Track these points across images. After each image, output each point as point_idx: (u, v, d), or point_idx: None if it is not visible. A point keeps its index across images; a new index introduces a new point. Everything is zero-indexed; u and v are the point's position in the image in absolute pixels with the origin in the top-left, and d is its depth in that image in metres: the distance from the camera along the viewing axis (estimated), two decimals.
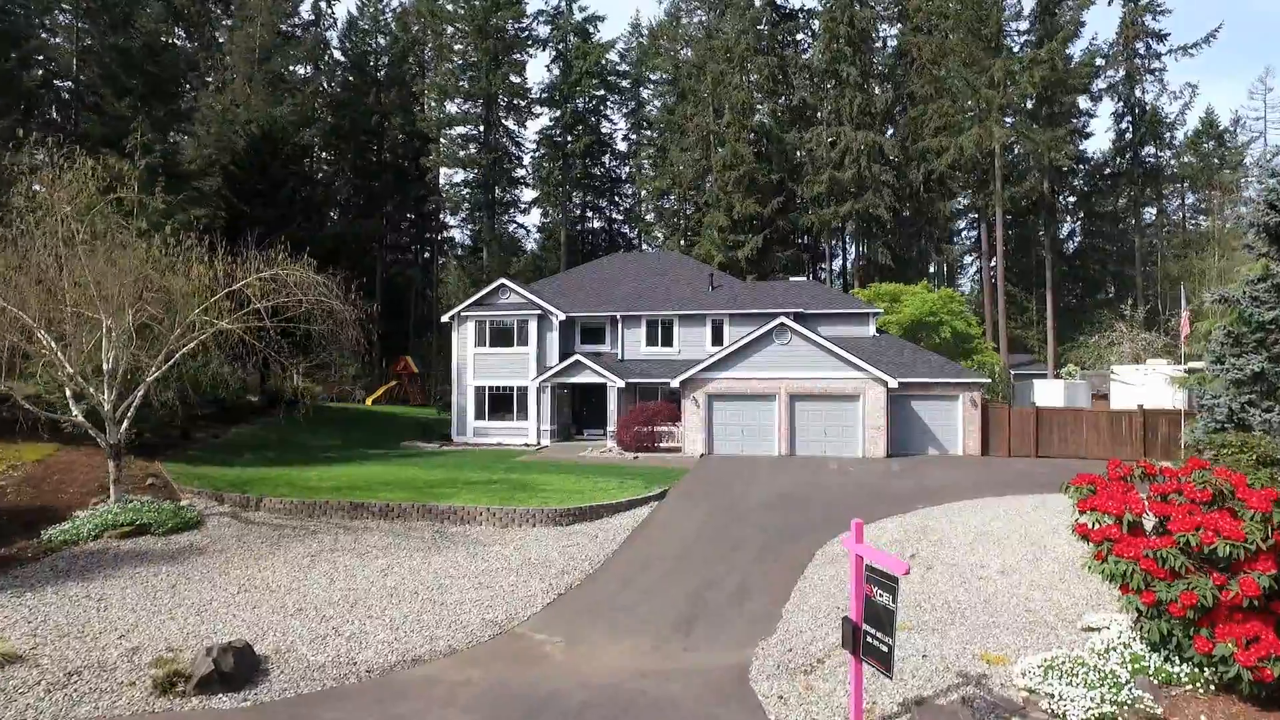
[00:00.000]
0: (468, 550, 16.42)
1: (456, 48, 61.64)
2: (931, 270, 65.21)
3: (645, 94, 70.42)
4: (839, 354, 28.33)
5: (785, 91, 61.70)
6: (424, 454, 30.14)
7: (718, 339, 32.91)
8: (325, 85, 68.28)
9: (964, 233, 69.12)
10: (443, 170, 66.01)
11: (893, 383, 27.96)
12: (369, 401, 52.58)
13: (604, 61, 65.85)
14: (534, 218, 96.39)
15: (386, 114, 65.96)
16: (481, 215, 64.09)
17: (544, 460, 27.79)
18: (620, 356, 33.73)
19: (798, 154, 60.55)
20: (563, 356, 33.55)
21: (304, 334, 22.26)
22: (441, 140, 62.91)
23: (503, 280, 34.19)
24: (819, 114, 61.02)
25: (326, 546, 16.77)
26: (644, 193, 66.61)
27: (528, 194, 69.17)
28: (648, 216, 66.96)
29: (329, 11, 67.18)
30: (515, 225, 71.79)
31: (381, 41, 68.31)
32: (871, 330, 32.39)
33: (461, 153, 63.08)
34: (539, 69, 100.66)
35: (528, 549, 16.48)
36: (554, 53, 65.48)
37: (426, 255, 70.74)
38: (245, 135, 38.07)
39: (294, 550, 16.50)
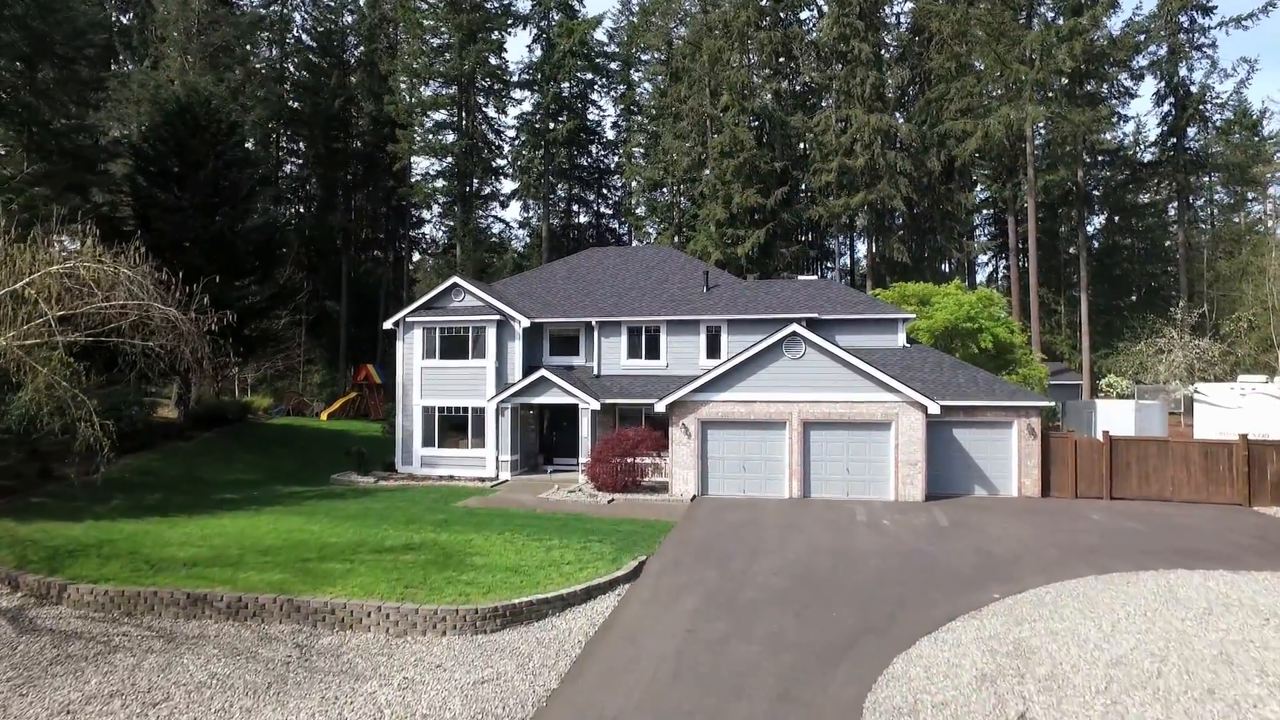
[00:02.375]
0: (324, 694, 10.70)
1: (427, 24, 55.87)
2: (946, 269, 59.56)
3: (635, 76, 64.74)
4: (865, 371, 22.65)
5: (789, 71, 56.10)
6: (351, 493, 24.42)
7: (714, 350, 27.23)
8: (291, 68, 62.65)
9: (980, 228, 63.52)
10: (416, 160, 60.32)
11: (933, 407, 22.29)
12: (324, 415, 46.86)
13: (590, 40, 60.13)
14: (515, 212, 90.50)
15: (353, 98, 60.26)
16: (456, 208, 58.31)
17: (495, 506, 22.07)
18: (596, 371, 28.04)
19: (803, 140, 54.93)
20: (527, 370, 27.93)
21: (122, 349, 16.35)
22: (415, 128, 57.13)
23: (455, 279, 28.52)
24: (826, 96, 55.44)
25: (114, 684, 11.06)
26: (634, 184, 60.94)
27: (508, 185, 63.51)
28: (639, 210, 61.29)
29: None
30: (493, 220, 66.06)
31: (349, 20, 62.66)
32: (901, 340, 26.72)
33: (433, 138, 57.32)
34: (519, 49, 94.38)
35: (419, 689, 10.77)
36: (535, 31, 59.78)
37: (399, 253, 65.02)
38: (162, 109, 32.28)
39: (58, 692, 10.81)
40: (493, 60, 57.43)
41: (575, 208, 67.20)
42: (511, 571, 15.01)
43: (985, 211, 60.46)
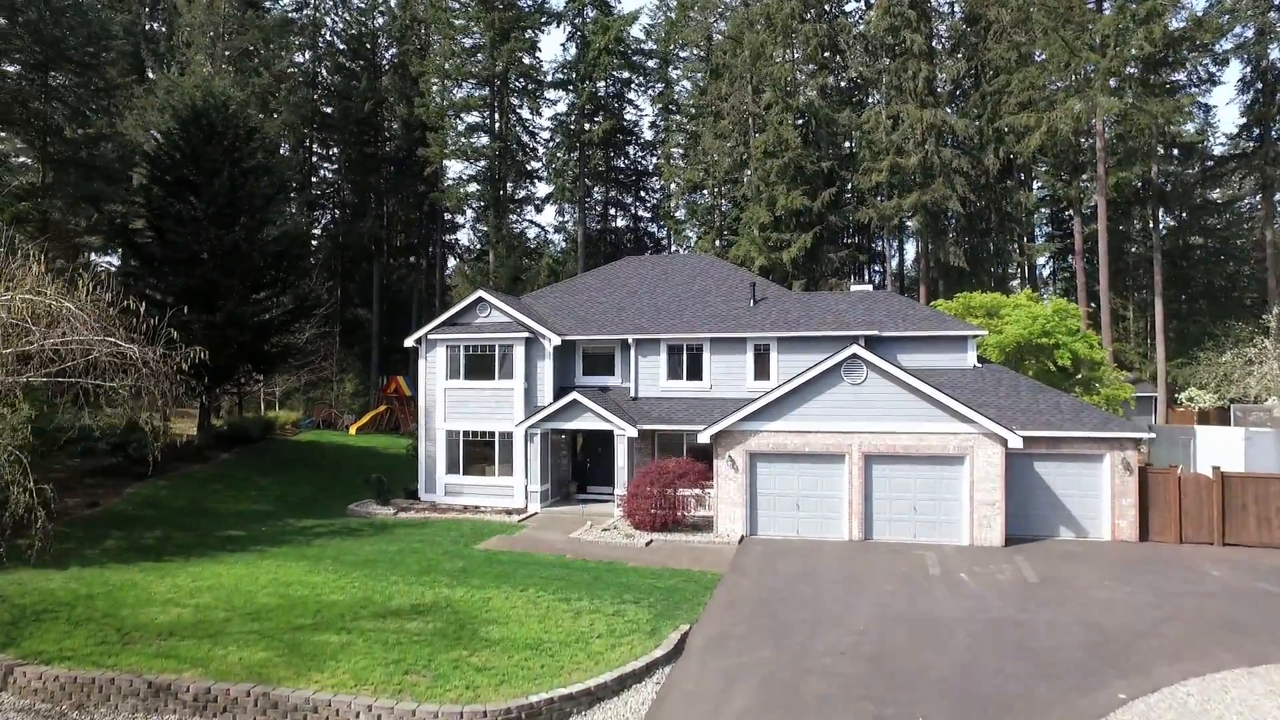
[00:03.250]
0: None
1: (458, 23, 54.12)
2: (1003, 273, 56.14)
3: (674, 74, 62.32)
4: (936, 398, 20.02)
5: (835, 66, 53.24)
6: (367, 529, 22.45)
7: (762, 371, 24.77)
8: (324, 72, 61.51)
9: (1037, 229, 59.90)
10: (449, 164, 58.61)
11: (1014, 439, 19.59)
12: (353, 430, 45.30)
13: (626, 37, 57.87)
14: (550, 216, 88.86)
15: (384, 101, 58.81)
16: (489, 213, 56.49)
17: (520, 549, 19.89)
18: (633, 393, 25.75)
19: (850, 138, 52.10)
20: (559, 392, 25.76)
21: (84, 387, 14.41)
22: (448, 131, 55.38)
23: (480, 293, 26.44)
24: (874, 91, 52.53)
25: None
26: (673, 186, 58.53)
27: (542, 189, 61.60)
28: (678, 213, 58.87)
29: None
30: (528, 224, 64.20)
31: (379, 21, 61.25)
32: (971, 359, 23.98)
33: (465, 141, 55.54)
34: (553, 48, 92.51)
35: None
36: (569, 28, 57.71)
37: (431, 259, 63.46)
38: (176, 115, 30.77)
39: None
40: (526, 60, 55.51)
41: (612, 211, 65.10)
42: (532, 649, 12.78)
43: (1042, 210, 56.92)
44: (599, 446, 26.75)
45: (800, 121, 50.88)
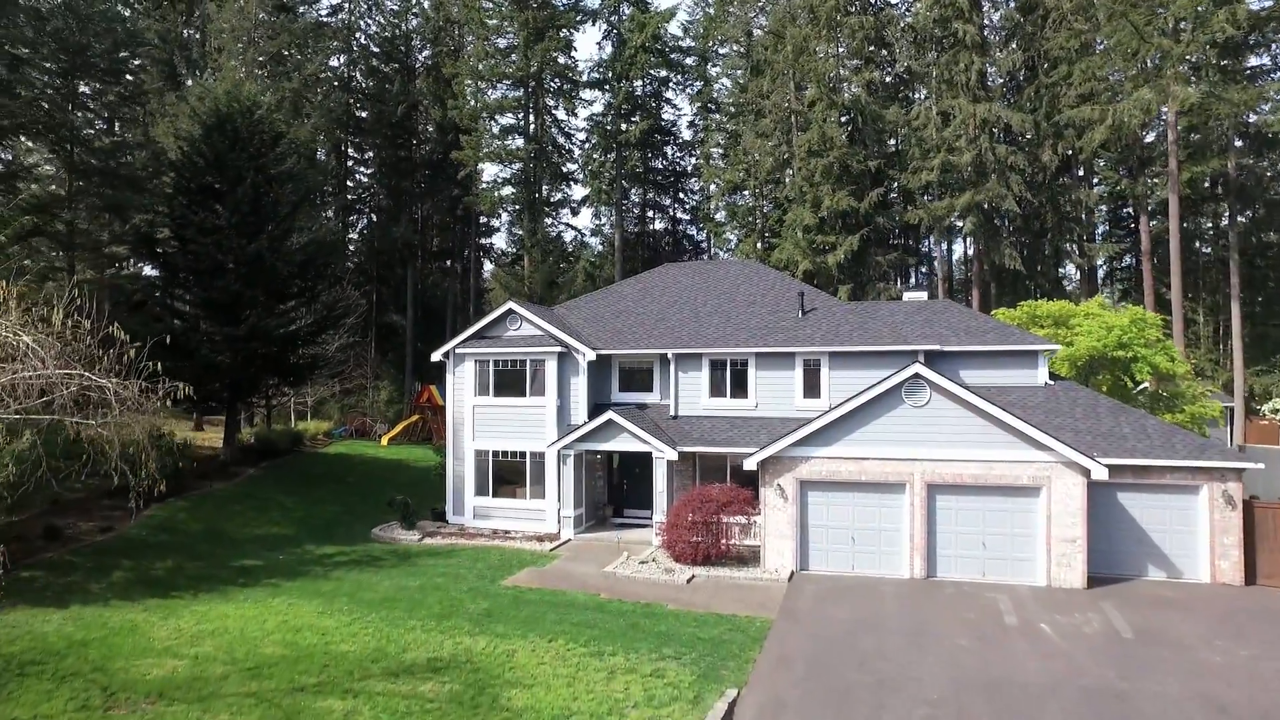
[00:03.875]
0: None
1: (492, 23, 52.92)
2: (1058, 275, 53.35)
3: (713, 71, 60.46)
4: (1007, 422, 18.04)
5: (882, 60, 50.96)
6: (390, 558, 21.12)
7: (812, 389, 22.94)
8: (359, 76, 60.89)
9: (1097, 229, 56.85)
10: (483, 166, 57.44)
11: (1097, 470, 17.54)
12: (385, 440, 44.27)
13: (663, 35, 56.18)
14: (586, 219, 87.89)
15: (418, 104, 57.91)
16: (524, 217, 55.21)
17: (551, 585, 18.35)
18: (673, 411, 24.07)
19: (899, 135, 49.85)
20: (594, 409, 24.24)
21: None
22: (483, 133, 54.18)
23: (510, 305, 25.01)
24: (919, 86, 50.20)
25: None
26: (713, 187, 56.75)
27: (579, 191, 60.20)
28: (718, 215, 57.05)
29: None
30: (564, 227, 62.93)
31: (413, 23, 60.40)
32: (1042, 375, 21.89)
33: (499, 143, 54.33)
34: (588, 46, 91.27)
35: None
36: (605, 26, 56.18)
37: (466, 264, 62.44)
38: (200, 121, 29.86)
39: None
40: (561, 59, 54.07)
41: (650, 213, 63.56)
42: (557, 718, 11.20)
43: (1101, 208, 53.96)
44: (636, 466, 25.14)
45: (845, 119, 48.77)
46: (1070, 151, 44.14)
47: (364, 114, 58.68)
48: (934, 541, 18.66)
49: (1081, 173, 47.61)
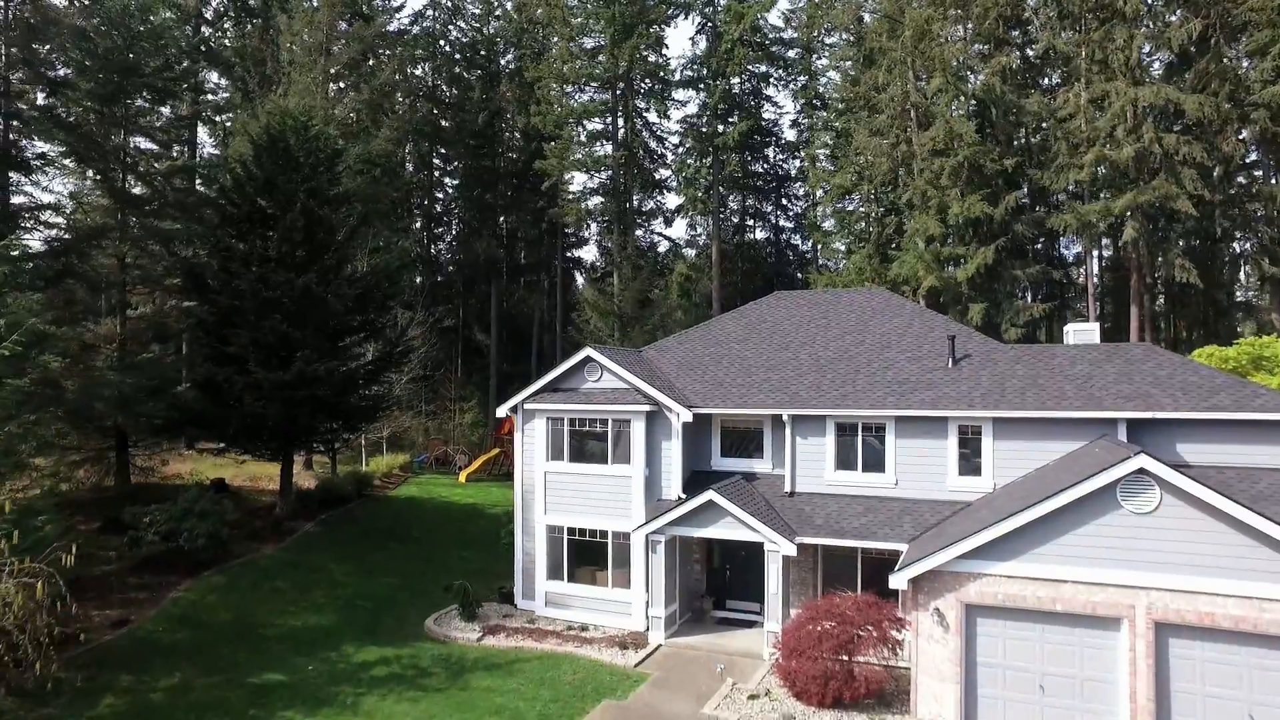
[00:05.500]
0: None
1: (577, 21, 49.12)
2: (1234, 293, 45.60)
3: (819, 64, 54.98)
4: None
5: (1017, 42, 44.53)
6: (439, 668, 17.19)
7: (971, 464, 17.81)
8: (443, 85, 58.42)
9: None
10: (572, 174, 53.77)
11: None
12: (463, 476, 41.04)
13: (763, 26, 51.23)
14: (680, 229, 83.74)
15: (500, 111, 54.80)
16: (613, 228, 51.23)
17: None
18: (789, 486, 19.33)
19: (1040, 128, 43.34)
20: (690, 479, 19.87)
21: None
22: (570, 140, 50.43)
23: (588, 352, 20.77)
24: (1067, 68, 43.43)
25: None
26: (820, 193, 51.39)
27: (672, 200, 55.84)
28: (825, 224, 51.66)
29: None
30: (658, 237, 58.68)
31: (494, 26, 57.37)
32: None
33: (587, 151, 50.51)
34: (681, 42, 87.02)
35: None
36: (699, 20, 51.60)
37: (553, 279, 58.98)
38: (251, 141, 26.94)
39: None
40: (651, 57, 49.94)
41: (749, 222, 58.66)
42: None
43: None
44: (742, 550, 20.50)
45: (976, 111, 42.69)
46: (1267, 135, 36.77)
47: (445, 123, 56.06)
48: (1167, 705, 13.29)
49: (1274, 162, 39.94)
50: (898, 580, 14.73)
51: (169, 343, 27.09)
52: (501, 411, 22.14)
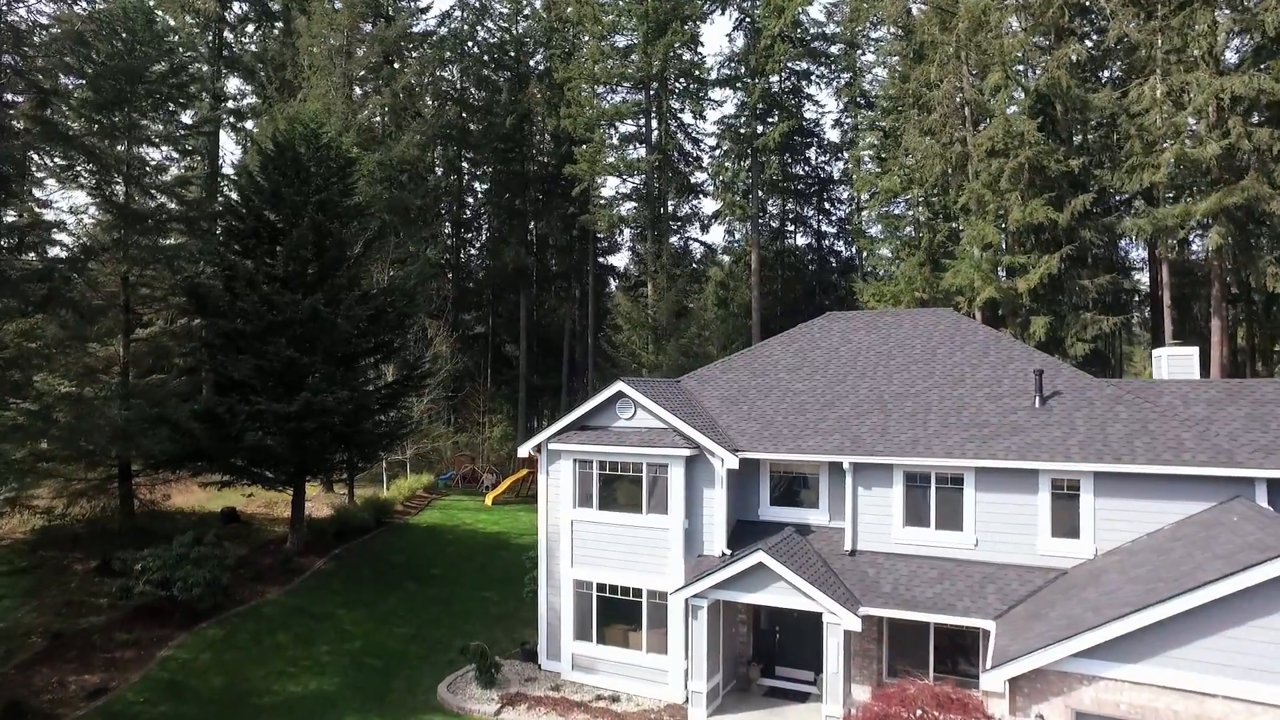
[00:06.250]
0: None
1: (608, 19, 46.84)
2: None
3: (864, 60, 52.12)
4: None
5: (1083, 31, 41.40)
6: None
7: (1066, 524, 15.16)
8: (472, 88, 56.57)
9: None
10: (605, 179, 51.51)
11: None
12: (489, 499, 39.01)
13: (804, 20, 48.54)
14: (717, 235, 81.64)
15: (529, 115, 52.75)
16: (647, 235, 48.90)
17: None
18: (849, 544, 16.83)
19: (1110, 125, 40.13)
20: (736, 532, 17.51)
21: None
22: (603, 143, 48.17)
23: (620, 386, 18.43)
24: (1140, 58, 40.14)
25: None
26: (865, 196, 48.55)
27: (709, 205, 53.45)
28: (871, 230, 48.80)
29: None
30: (693, 243, 56.23)
31: (522, 26, 55.37)
32: None
33: (619, 154, 48.27)
34: (717, 39, 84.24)
35: None
36: (736, 15, 49.03)
37: (585, 288, 56.80)
38: (259, 151, 25.07)
39: None
40: (686, 55, 47.51)
41: (790, 227, 55.88)
42: None
43: None
44: (795, 612, 18.03)
45: (1037, 108, 39.58)
46: None
47: (473, 127, 54.18)
48: None
49: None
50: (991, 681, 12.19)
51: (172, 369, 25.26)
52: (523, 451, 20.05)
